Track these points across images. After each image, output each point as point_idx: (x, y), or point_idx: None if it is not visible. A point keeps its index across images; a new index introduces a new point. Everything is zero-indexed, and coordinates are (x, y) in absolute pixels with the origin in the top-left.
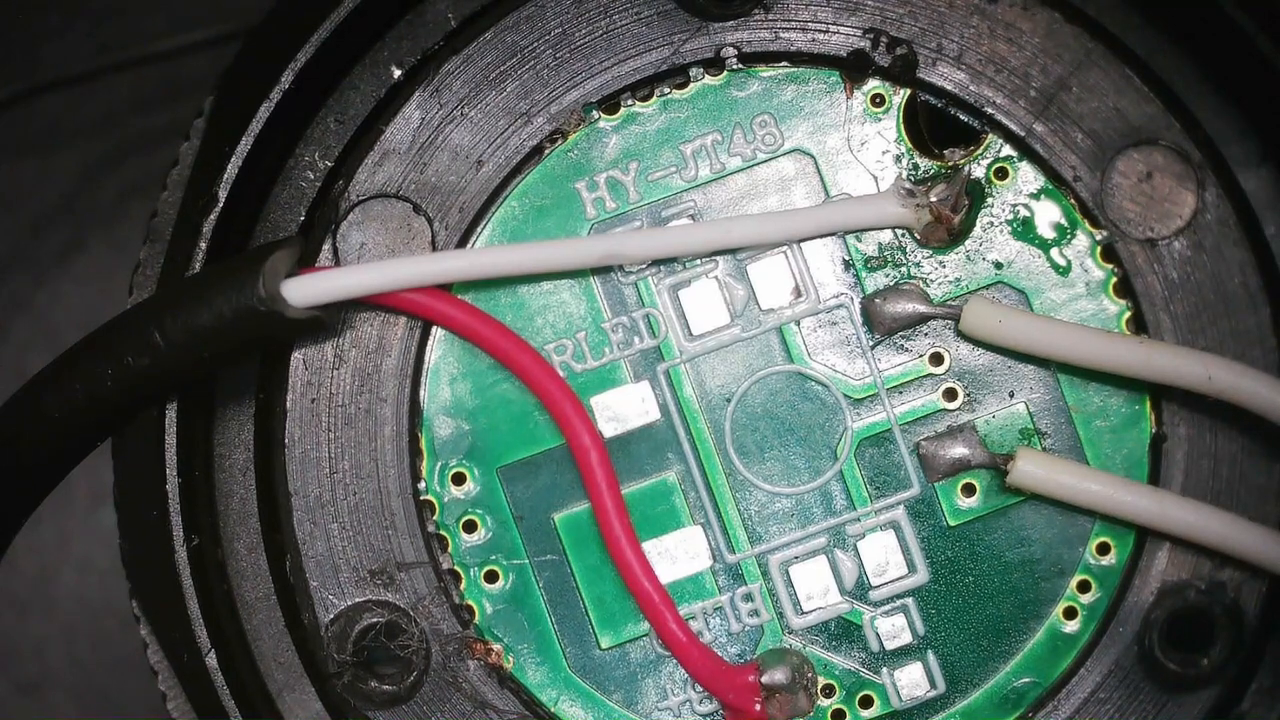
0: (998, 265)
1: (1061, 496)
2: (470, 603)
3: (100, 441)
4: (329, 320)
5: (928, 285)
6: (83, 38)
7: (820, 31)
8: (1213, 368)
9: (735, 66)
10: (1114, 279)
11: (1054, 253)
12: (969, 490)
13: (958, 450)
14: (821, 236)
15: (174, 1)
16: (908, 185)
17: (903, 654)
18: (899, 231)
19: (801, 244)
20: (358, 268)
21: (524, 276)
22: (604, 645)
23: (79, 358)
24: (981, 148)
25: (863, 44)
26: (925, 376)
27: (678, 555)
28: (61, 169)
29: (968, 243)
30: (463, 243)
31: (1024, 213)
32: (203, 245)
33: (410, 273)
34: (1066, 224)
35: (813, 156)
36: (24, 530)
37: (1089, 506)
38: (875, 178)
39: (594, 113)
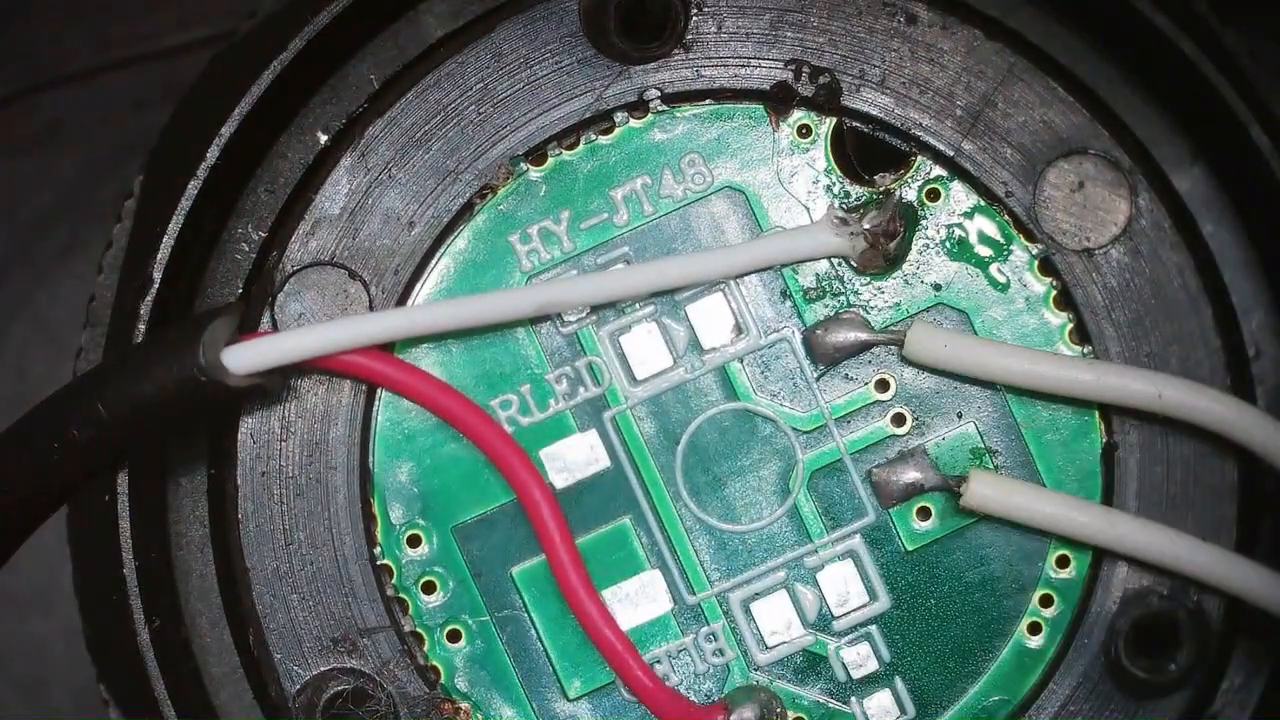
0: (936, 287)
1: (1016, 518)
2: (435, 663)
3: (53, 511)
4: (272, 387)
5: (868, 312)
6: (83, 38)
7: (741, 66)
8: (1162, 386)
9: (659, 108)
10: (1054, 292)
11: (992, 270)
12: (924, 514)
13: (910, 475)
14: (758, 271)
15: (174, 1)
16: (840, 214)
17: (870, 682)
18: (835, 261)
19: (739, 280)
20: (296, 332)
21: (463, 331)
22: (571, 695)
23: (26, 433)
24: (911, 170)
25: (785, 75)
26: (872, 404)
27: (639, 600)
28: (61, 169)
29: (905, 266)
30: (400, 305)
31: (959, 232)
32: (141, 328)
33: (349, 334)
34: (1002, 240)
35: (744, 192)
36: None
37: (1043, 528)
38: (808, 209)
39: (522, 164)
